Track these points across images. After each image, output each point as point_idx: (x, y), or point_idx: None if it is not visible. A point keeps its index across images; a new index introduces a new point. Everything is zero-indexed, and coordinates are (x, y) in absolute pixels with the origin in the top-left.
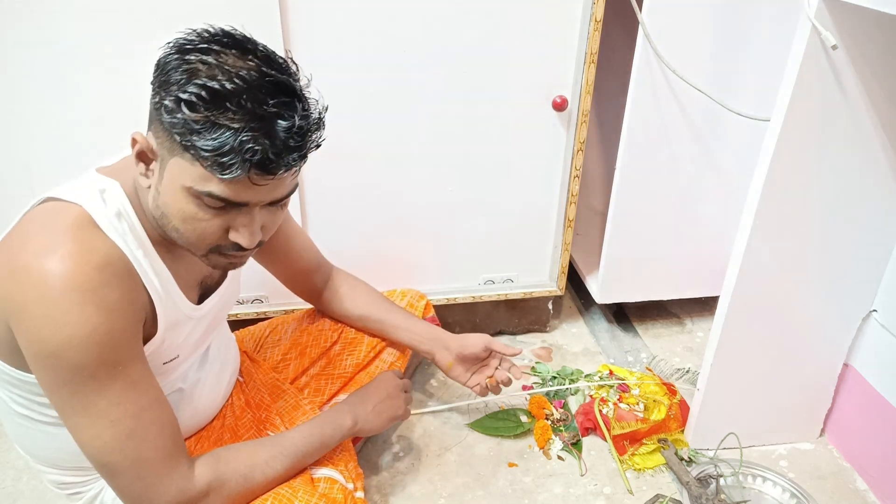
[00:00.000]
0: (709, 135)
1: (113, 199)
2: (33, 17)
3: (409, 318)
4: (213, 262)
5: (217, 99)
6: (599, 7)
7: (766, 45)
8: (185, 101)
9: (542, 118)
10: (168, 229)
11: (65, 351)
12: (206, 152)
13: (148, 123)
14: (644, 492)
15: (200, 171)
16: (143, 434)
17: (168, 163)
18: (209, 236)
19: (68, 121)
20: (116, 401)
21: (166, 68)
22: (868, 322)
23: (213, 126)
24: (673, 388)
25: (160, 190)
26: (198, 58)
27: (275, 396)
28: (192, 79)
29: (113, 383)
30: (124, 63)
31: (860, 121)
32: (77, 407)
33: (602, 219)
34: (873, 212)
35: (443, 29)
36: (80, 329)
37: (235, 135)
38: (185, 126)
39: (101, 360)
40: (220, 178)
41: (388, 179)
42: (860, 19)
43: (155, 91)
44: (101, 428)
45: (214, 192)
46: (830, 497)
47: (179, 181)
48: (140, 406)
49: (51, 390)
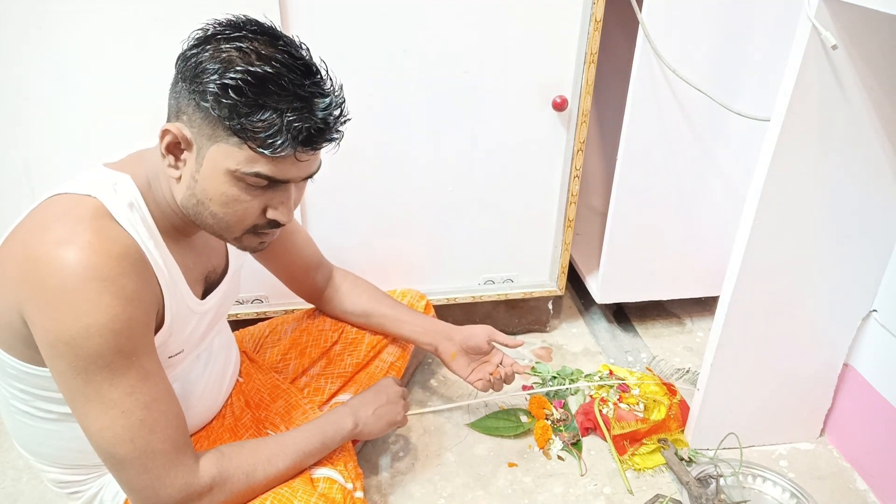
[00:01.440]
0: (709, 135)
1: (125, 191)
2: (33, 16)
3: (411, 313)
4: (245, 244)
5: (262, 82)
6: (599, 7)
7: (766, 45)
8: (231, 86)
9: (542, 118)
10: (203, 216)
11: (83, 339)
12: (256, 134)
13: (174, 115)
14: (644, 492)
15: (248, 153)
16: (152, 425)
17: (209, 150)
18: (248, 217)
19: (67, 121)
20: (129, 391)
21: (198, 59)
22: (868, 322)
23: (260, 108)
24: (673, 388)
25: (197, 178)
26: (233, 45)
27: (274, 396)
28: (233, 65)
29: (127, 373)
30: (124, 63)
31: (860, 121)
32: (90, 396)
33: (602, 219)
34: (873, 212)
35: (443, 29)
36: (100, 317)
37: (281, 115)
38: (232, 110)
39: (118, 350)
40: (270, 157)
41: (388, 179)
42: (860, 19)
43: (186, 82)
44: (112, 418)
45: (262, 172)
46: (830, 497)
47: (223, 165)
48: (152, 397)
49: (64, 379)
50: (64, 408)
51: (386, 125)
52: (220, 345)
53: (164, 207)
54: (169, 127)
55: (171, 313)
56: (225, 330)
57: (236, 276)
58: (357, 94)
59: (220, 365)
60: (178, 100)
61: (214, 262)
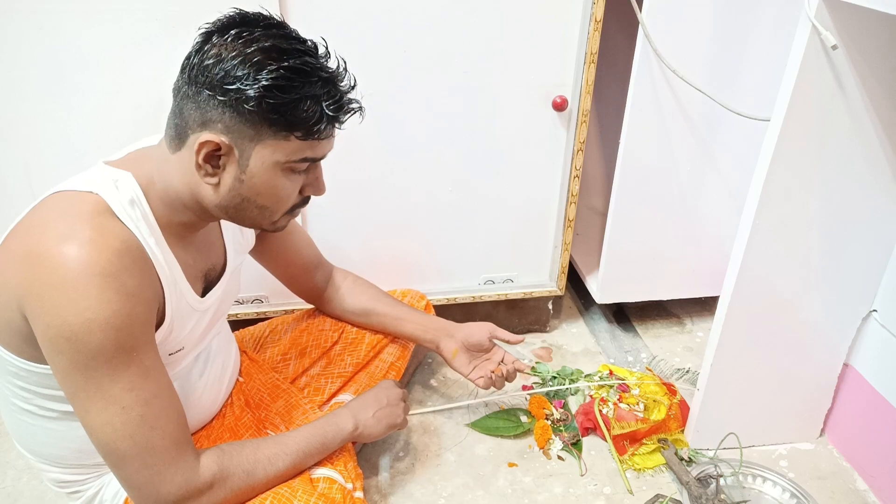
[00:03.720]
0: (709, 135)
1: (126, 188)
2: (33, 16)
3: (411, 311)
4: (280, 224)
5: (298, 75)
6: (599, 7)
7: (766, 45)
8: (274, 86)
9: (542, 118)
10: (247, 212)
11: (84, 334)
12: (304, 124)
13: (198, 126)
14: (644, 492)
15: (296, 143)
16: (153, 422)
17: (253, 150)
18: (290, 200)
19: (67, 120)
20: (129, 387)
21: (221, 66)
22: (868, 322)
23: (302, 100)
24: (673, 388)
25: (243, 179)
26: (255, 46)
27: (274, 396)
28: (263, 66)
29: (127, 369)
30: (124, 63)
31: (860, 121)
32: (90, 392)
33: (602, 219)
34: (873, 212)
35: (443, 29)
36: (101, 313)
37: (318, 101)
38: (277, 110)
39: (119, 345)
40: (318, 141)
41: (388, 179)
42: (860, 19)
43: (213, 90)
44: (112, 414)
45: (309, 156)
46: (830, 497)
47: (271, 160)
48: (152, 393)
49: (64, 375)
50: (65, 406)
51: (386, 125)
52: (220, 344)
53: (171, 204)
54: (210, 138)
55: (171, 310)
56: (225, 330)
57: (236, 274)
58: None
59: (219, 364)
60: (203, 110)
61: (214, 259)
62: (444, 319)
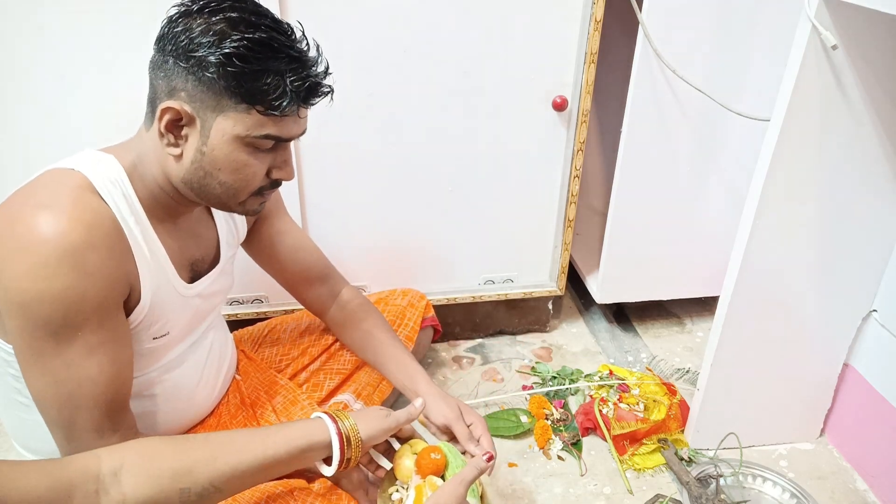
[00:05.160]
0: (709, 135)
1: (108, 167)
2: (33, 17)
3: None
4: (248, 207)
5: (263, 48)
6: (599, 7)
7: (766, 45)
8: (234, 55)
9: (542, 118)
10: (210, 187)
11: (34, 303)
12: (264, 97)
13: (165, 94)
14: (644, 492)
15: (257, 117)
16: (80, 402)
17: (214, 121)
18: (256, 180)
19: (67, 121)
20: (67, 363)
21: (189, 34)
22: (868, 322)
23: (264, 72)
24: (673, 388)
25: (204, 150)
26: (222, 17)
27: (272, 393)
28: (227, 35)
29: (70, 346)
30: (123, 63)
31: (860, 121)
32: (32, 359)
33: (602, 219)
34: (873, 212)
35: (443, 29)
36: (54, 286)
37: (283, 76)
38: (238, 78)
39: (66, 321)
40: (278, 118)
41: (388, 179)
42: (860, 19)
43: (179, 58)
44: (45, 384)
45: (271, 133)
46: (830, 497)
47: (232, 133)
48: (87, 375)
49: (13, 337)
50: None
51: (386, 125)
52: (216, 340)
53: (152, 187)
54: (170, 104)
55: (150, 292)
56: (221, 327)
57: (227, 268)
58: (357, 94)
59: (215, 360)
60: (170, 78)
61: (203, 251)
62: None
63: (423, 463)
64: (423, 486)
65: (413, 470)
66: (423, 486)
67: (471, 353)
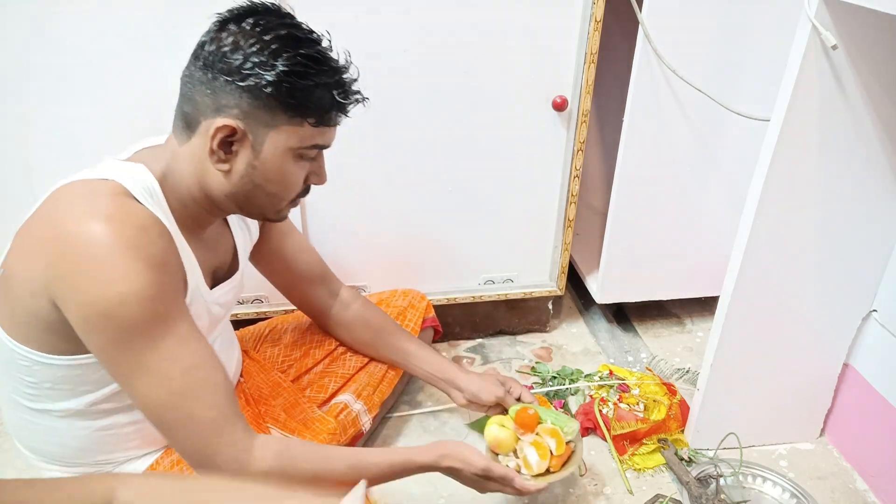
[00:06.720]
0: (709, 135)
1: (142, 178)
2: (34, 17)
3: (420, 348)
4: (283, 214)
5: (313, 62)
6: (599, 7)
7: (766, 45)
8: (291, 72)
9: (542, 118)
10: (256, 199)
11: (118, 308)
12: (317, 111)
13: (212, 111)
14: (644, 492)
15: (308, 129)
16: (194, 392)
17: (267, 136)
18: (296, 188)
19: (68, 121)
20: (168, 356)
21: (240, 51)
22: (868, 322)
23: (316, 86)
24: (673, 388)
25: (256, 164)
26: (273, 34)
27: (275, 394)
28: (281, 52)
29: (164, 339)
30: (124, 63)
31: (860, 121)
32: (133, 365)
33: (602, 219)
34: (873, 212)
35: (443, 29)
36: (132, 285)
37: (329, 89)
38: (292, 94)
39: (154, 315)
40: (327, 127)
41: (388, 179)
42: (860, 19)
43: (231, 76)
44: (154, 385)
45: (318, 143)
46: (830, 497)
47: (284, 146)
48: (191, 363)
49: (104, 353)
50: (71, 404)
51: (386, 125)
52: (223, 346)
53: (184, 198)
54: (226, 122)
55: (190, 293)
56: (228, 331)
57: (243, 274)
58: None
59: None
60: (218, 96)
61: (221, 258)
62: (453, 366)
63: (527, 420)
64: (539, 440)
65: (510, 434)
66: (539, 440)
67: (471, 353)
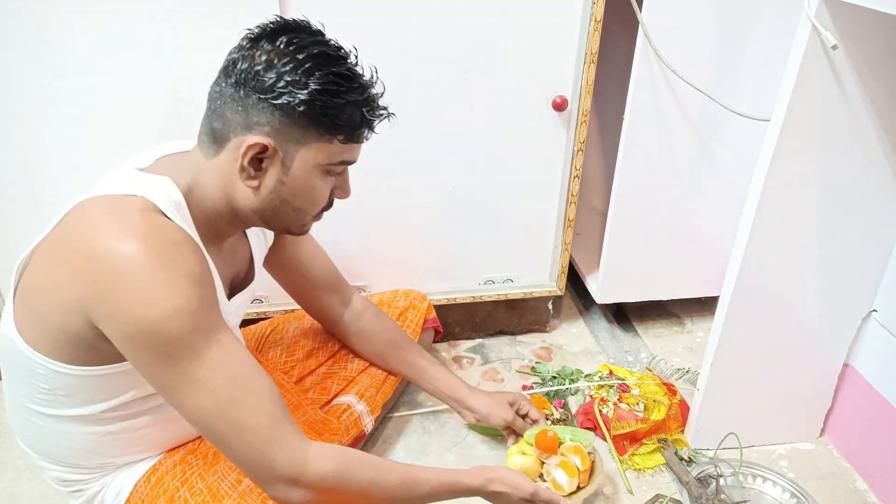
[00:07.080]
0: (709, 135)
1: (169, 192)
2: (34, 17)
3: (431, 364)
4: (306, 228)
5: (345, 80)
6: (599, 7)
7: (766, 45)
8: (325, 90)
9: (542, 118)
10: (284, 214)
11: (162, 324)
12: (347, 126)
13: (242, 128)
14: (644, 492)
15: (338, 146)
16: (242, 401)
17: (297, 152)
18: (322, 203)
19: (68, 121)
20: (213, 367)
21: (273, 70)
22: (868, 322)
23: (347, 104)
24: (673, 388)
25: (285, 181)
26: (307, 53)
27: None
28: (314, 70)
29: (208, 350)
30: (124, 63)
31: (860, 121)
32: (179, 379)
33: (602, 219)
34: (873, 212)
35: (443, 29)
36: (174, 301)
37: (359, 106)
38: (325, 112)
39: (195, 329)
40: (355, 144)
41: (388, 179)
42: (860, 19)
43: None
44: (202, 397)
45: (346, 159)
46: (830, 497)
47: (314, 162)
48: (237, 372)
49: (150, 369)
50: (81, 410)
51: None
52: None
53: (208, 211)
54: (258, 140)
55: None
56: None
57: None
58: None
59: None
60: (250, 113)
61: (238, 268)
62: (463, 385)
63: (550, 444)
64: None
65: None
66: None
67: (471, 353)
